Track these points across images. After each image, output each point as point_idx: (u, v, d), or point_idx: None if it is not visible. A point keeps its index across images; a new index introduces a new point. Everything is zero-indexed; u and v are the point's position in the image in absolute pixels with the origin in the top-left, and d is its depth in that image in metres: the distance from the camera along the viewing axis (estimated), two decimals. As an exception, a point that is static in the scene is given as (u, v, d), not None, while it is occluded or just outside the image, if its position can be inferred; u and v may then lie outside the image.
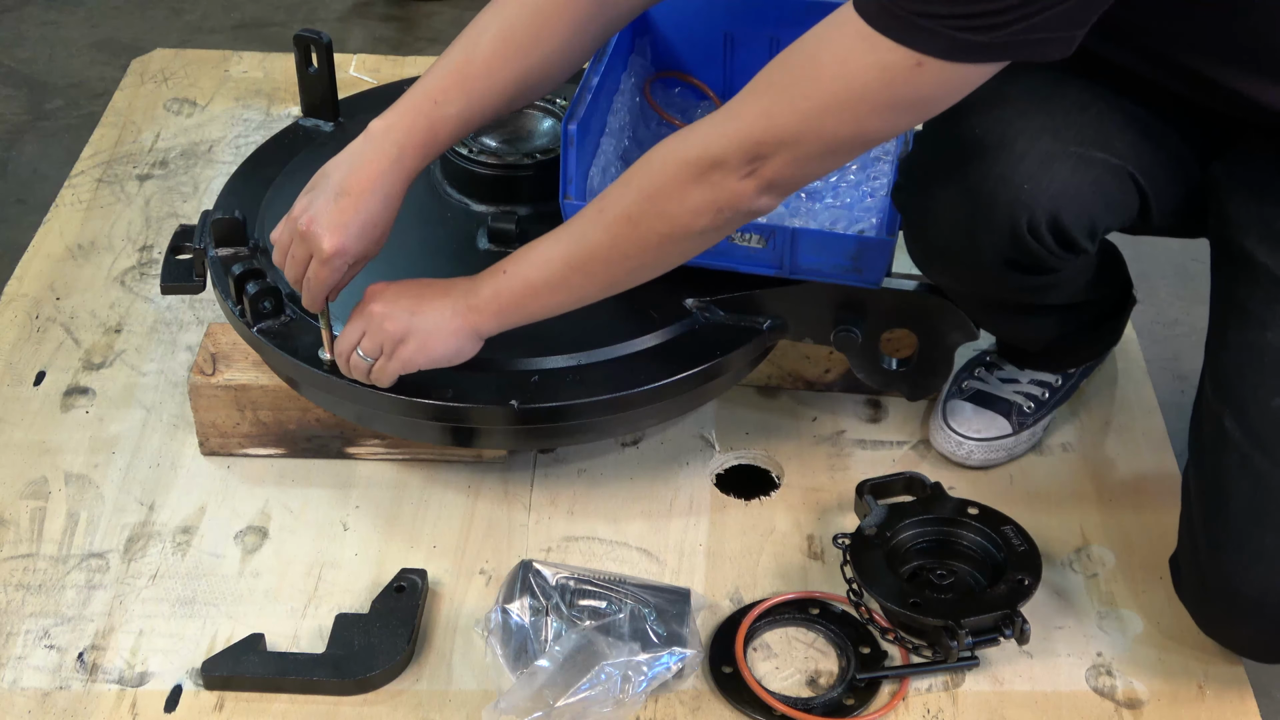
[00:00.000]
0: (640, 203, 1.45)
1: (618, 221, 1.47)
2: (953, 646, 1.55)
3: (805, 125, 1.36)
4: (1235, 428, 1.50)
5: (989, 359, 1.89)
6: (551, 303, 1.54)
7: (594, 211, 1.49)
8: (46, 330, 2.01)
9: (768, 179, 1.40)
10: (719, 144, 1.40)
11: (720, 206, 1.42)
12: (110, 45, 2.92)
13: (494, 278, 1.55)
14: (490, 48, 1.57)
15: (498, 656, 1.53)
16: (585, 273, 1.51)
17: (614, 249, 1.49)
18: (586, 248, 1.49)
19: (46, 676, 1.57)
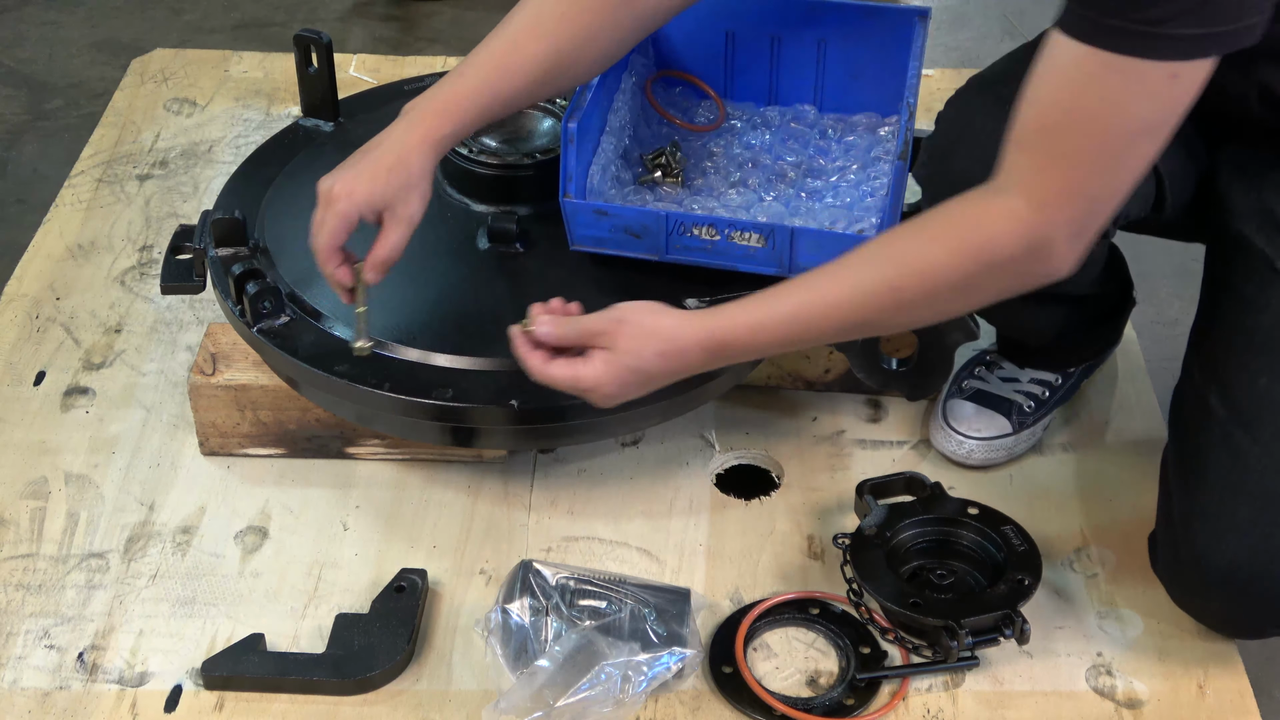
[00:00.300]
0: (912, 281, 1.40)
1: (895, 292, 1.41)
2: (953, 646, 1.55)
3: (1106, 178, 1.33)
4: (1220, 405, 1.52)
5: (989, 358, 1.89)
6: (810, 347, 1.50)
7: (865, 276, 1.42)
8: (46, 330, 2.01)
9: (1084, 243, 1.37)
10: (1009, 242, 1.35)
11: (1006, 290, 1.40)
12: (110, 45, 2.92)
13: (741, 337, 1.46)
14: (518, 25, 1.60)
15: (498, 656, 1.53)
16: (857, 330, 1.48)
17: (893, 315, 1.44)
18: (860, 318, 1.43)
19: (46, 676, 1.57)
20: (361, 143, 1.97)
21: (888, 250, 1.43)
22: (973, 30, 2.94)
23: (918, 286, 1.40)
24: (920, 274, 1.39)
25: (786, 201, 1.83)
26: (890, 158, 1.86)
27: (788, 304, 1.44)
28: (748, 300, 1.46)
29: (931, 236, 1.40)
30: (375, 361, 1.65)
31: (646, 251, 1.72)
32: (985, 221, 1.37)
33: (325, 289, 1.73)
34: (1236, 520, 1.49)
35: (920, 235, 1.41)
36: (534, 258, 1.77)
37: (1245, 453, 1.50)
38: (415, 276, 1.77)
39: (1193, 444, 1.55)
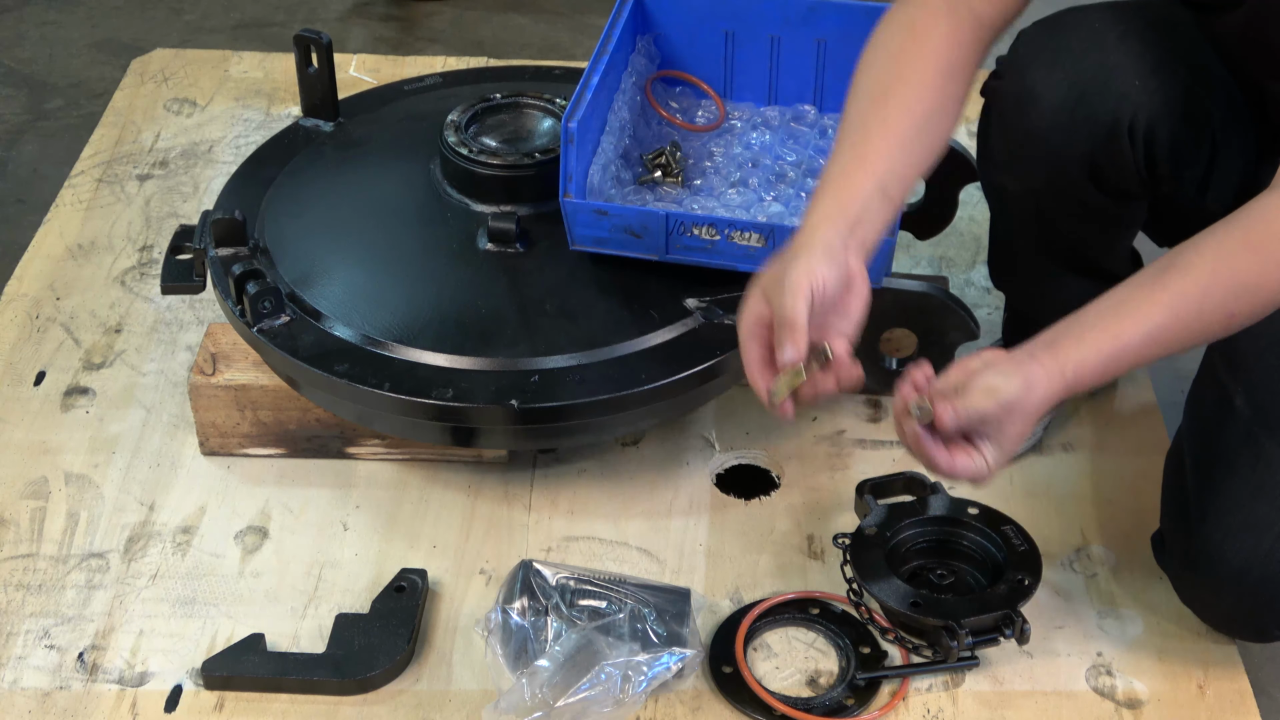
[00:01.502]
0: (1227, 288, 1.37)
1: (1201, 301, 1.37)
2: (953, 646, 1.55)
3: None
4: (1245, 405, 1.52)
5: (989, 357, 1.89)
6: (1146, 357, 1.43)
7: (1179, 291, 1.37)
8: (46, 330, 2.01)
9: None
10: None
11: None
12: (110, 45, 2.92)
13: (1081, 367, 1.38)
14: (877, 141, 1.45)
15: (498, 656, 1.53)
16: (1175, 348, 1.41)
17: (1197, 330, 1.39)
18: (1172, 335, 1.38)
19: (46, 676, 1.57)
20: (361, 143, 1.99)
21: (1195, 267, 1.37)
22: (973, 30, 2.93)
23: (1249, 304, 1.37)
24: (1229, 282, 1.35)
25: (786, 201, 1.83)
26: (890, 158, 1.86)
27: (1133, 330, 1.36)
28: (1089, 329, 1.38)
29: (1238, 245, 1.36)
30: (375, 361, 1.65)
31: (646, 251, 1.72)
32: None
33: (325, 289, 1.73)
34: (1254, 519, 1.48)
35: (1224, 245, 1.37)
36: (534, 258, 1.77)
37: (1268, 454, 1.49)
38: (415, 276, 1.77)
39: (1213, 442, 1.54)
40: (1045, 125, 1.59)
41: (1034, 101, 1.59)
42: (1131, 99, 1.56)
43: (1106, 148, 1.58)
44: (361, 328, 1.69)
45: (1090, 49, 1.56)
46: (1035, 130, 1.60)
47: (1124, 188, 1.62)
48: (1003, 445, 1.39)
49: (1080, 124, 1.57)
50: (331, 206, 1.87)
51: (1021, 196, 1.69)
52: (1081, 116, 1.57)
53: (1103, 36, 1.58)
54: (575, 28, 3.02)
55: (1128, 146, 1.57)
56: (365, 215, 1.86)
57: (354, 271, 1.78)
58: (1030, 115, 1.60)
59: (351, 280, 1.77)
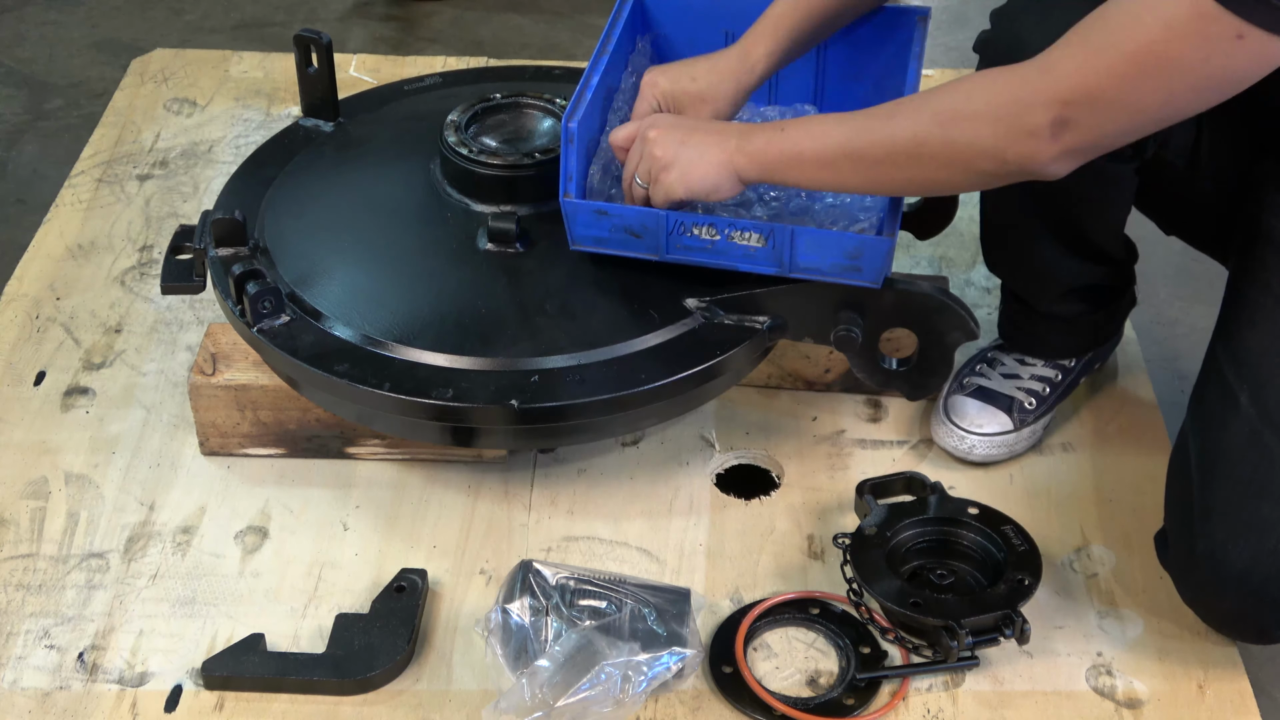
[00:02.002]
0: (930, 125, 1.47)
1: (902, 132, 1.49)
2: (953, 646, 1.55)
3: (1118, 88, 1.35)
4: (1250, 404, 1.52)
5: (990, 355, 1.89)
6: (814, 178, 1.57)
7: (884, 113, 1.52)
8: (46, 330, 2.01)
9: (1068, 145, 1.39)
10: (1028, 95, 1.39)
11: (1009, 158, 1.43)
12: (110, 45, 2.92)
13: (769, 131, 1.58)
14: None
15: (498, 656, 1.53)
16: (855, 164, 1.53)
17: (890, 155, 1.51)
18: (865, 142, 1.52)
19: (46, 676, 1.57)
20: (361, 143, 1.99)
21: (924, 100, 1.50)
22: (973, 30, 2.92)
23: (937, 142, 1.46)
24: (948, 119, 1.45)
25: (786, 201, 1.83)
26: (890, 158, 1.86)
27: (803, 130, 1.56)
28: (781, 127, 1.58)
29: (966, 94, 1.45)
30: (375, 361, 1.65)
31: (646, 251, 1.72)
32: (1010, 84, 1.41)
33: (325, 289, 1.73)
34: (1258, 519, 1.48)
35: (954, 91, 1.47)
36: (534, 258, 1.77)
37: (1273, 453, 1.49)
38: (415, 276, 1.77)
39: (1217, 441, 1.54)
40: None
41: (1021, 50, 1.58)
42: None
43: None
44: (361, 328, 1.69)
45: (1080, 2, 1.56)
46: None
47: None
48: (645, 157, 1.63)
49: None
50: (331, 206, 1.87)
51: None
52: None
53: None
54: (575, 28, 3.02)
55: None
56: (365, 215, 1.86)
57: (354, 271, 1.78)
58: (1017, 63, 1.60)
59: (351, 280, 1.77)
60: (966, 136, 1.44)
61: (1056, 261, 1.79)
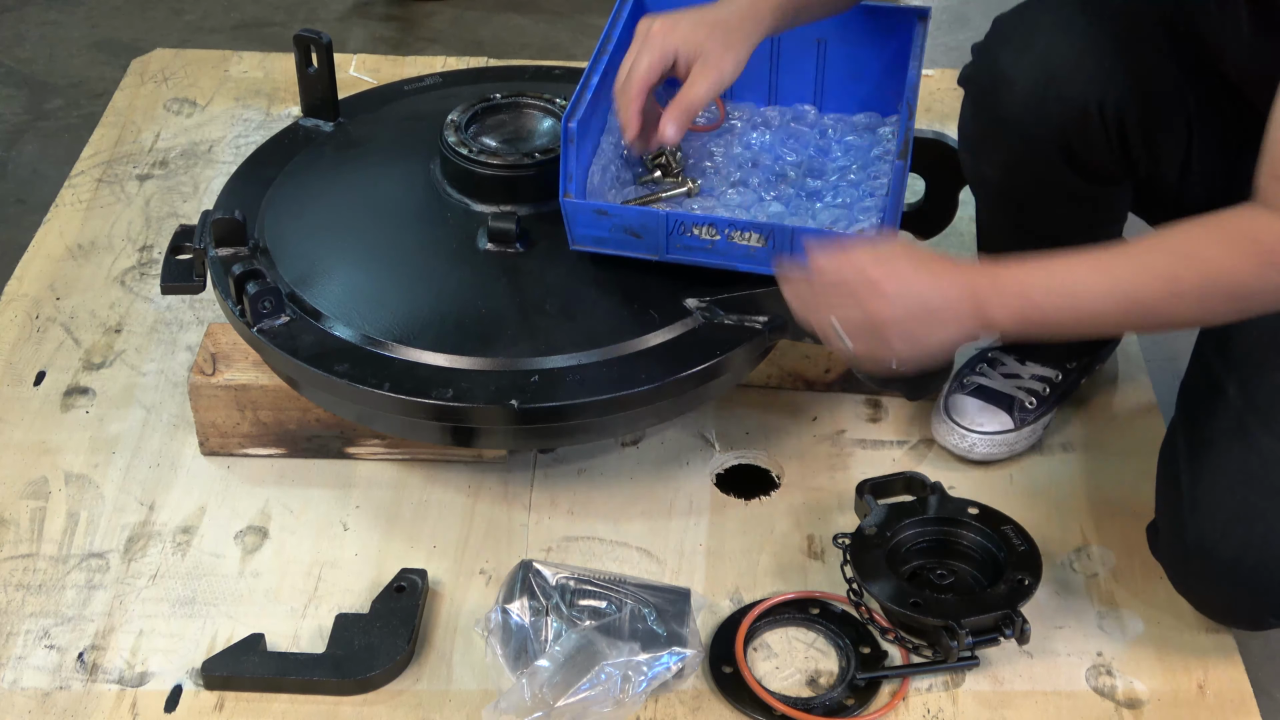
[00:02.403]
0: (1191, 274, 1.38)
1: (1172, 281, 1.38)
2: (953, 646, 1.55)
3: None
4: (1237, 395, 1.53)
5: (991, 355, 1.89)
6: (1077, 332, 1.48)
7: (1147, 259, 1.40)
8: (46, 330, 2.01)
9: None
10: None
11: (1268, 304, 1.39)
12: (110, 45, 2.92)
13: (1021, 301, 1.42)
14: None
15: (498, 656, 1.53)
16: (1127, 315, 1.44)
17: (1165, 306, 1.40)
18: (1134, 294, 1.40)
19: (46, 676, 1.57)
20: (361, 142, 1.99)
21: (1166, 243, 1.40)
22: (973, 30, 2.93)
23: (1196, 281, 1.37)
24: (1201, 270, 1.37)
25: (786, 201, 1.83)
26: (890, 158, 1.86)
27: (1062, 278, 1.40)
28: (1023, 261, 1.41)
29: (1213, 238, 1.38)
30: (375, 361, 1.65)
31: (646, 251, 1.72)
32: (1265, 234, 1.35)
33: (325, 289, 1.73)
34: (1246, 508, 1.49)
35: (1200, 235, 1.38)
36: (534, 258, 1.77)
37: (1260, 444, 1.50)
38: (415, 276, 1.77)
39: (1205, 431, 1.55)
40: (1018, 109, 1.61)
41: (1005, 85, 1.60)
42: (1101, 81, 1.58)
43: (1079, 129, 1.60)
44: (361, 328, 1.69)
45: (1060, 34, 1.59)
46: (1008, 114, 1.62)
47: (1099, 169, 1.63)
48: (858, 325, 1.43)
49: (1051, 105, 1.60)
50: (331, 206, 1.87)
51: (1002, 185, 1.71)
52: (1052, 98, 1.59)
53: (1072, 21, 1.60)
54: (575, 28, 3.02)
55: (1100, 127, 1.59)
56: (365, 215, 1.86)
57: (354, 271, 1.78)
58: (1002, 99, 1.62)
59: (351, 280, 1.77)
60: (1257, 302, 1.40)
61: None
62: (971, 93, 1.68)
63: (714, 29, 1.60)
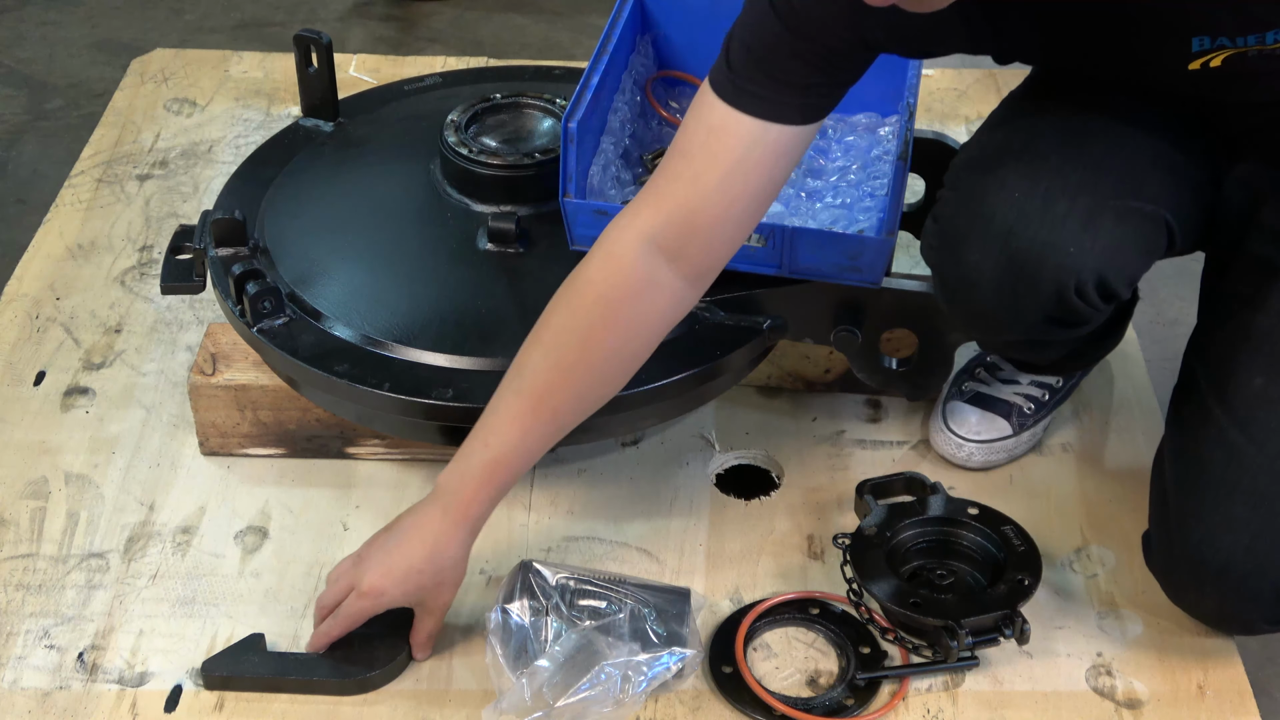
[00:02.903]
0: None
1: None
2: (953, 646, 1.55)
3: None
4: (1217, 405, 1.53)
5: (989, 360, 1.89)
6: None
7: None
8: (46, 330, 2.01)
9: None
10: None
11: None
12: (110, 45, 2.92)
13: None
14: (533, 378, 1.50)
15: (498, 656, 1.53)
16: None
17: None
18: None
19: (46, 676, 1.57)
20: (361, 142, 1.99)
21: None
22: (973, 30, 2.94)
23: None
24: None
25: (786, 201, 1.83)
26: (890, 158, 1.86)
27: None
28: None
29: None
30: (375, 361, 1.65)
31: (646, 251, 1.71)
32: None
33: (325, 289, 1.73)
34: (1232, 518, 1.50)
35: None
36: (534, 258, 1.77)
37: (1241, 452, 1.50)
38: (415, 276, 1.77)
39: (1190, 443, 1.55)
40: (991, 305, 1.56)
41: (974, 286, 1.55)
42: (1069, 266, 1.50)
43: (1060, 308, 1.54)
44: (361, 328, 1.69)
45: (1016, 222, 1.51)
46: (983, 311, 1.57)
47: (1089, 320, 1.58)
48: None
49: (1025, 297, 1.53)
50: (331, 206, 1.87)
51: (986, 342, 1.76)
52: (1024, 290, 1.53)
53: (1025, 206, 1.51)
54: (575, 28, 3.02)
55: (1080, 304, 1.53)
56: (365, 215, 1.86)
57: (354, 271, 1.78)
58: (975, 298, 1.56)
59: (351, 280, 1.77)
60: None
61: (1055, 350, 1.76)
62: (938, 280, 1.62)
63: (423, 573, 1.51)
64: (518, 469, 1.51)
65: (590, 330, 1.48)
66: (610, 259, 1.48)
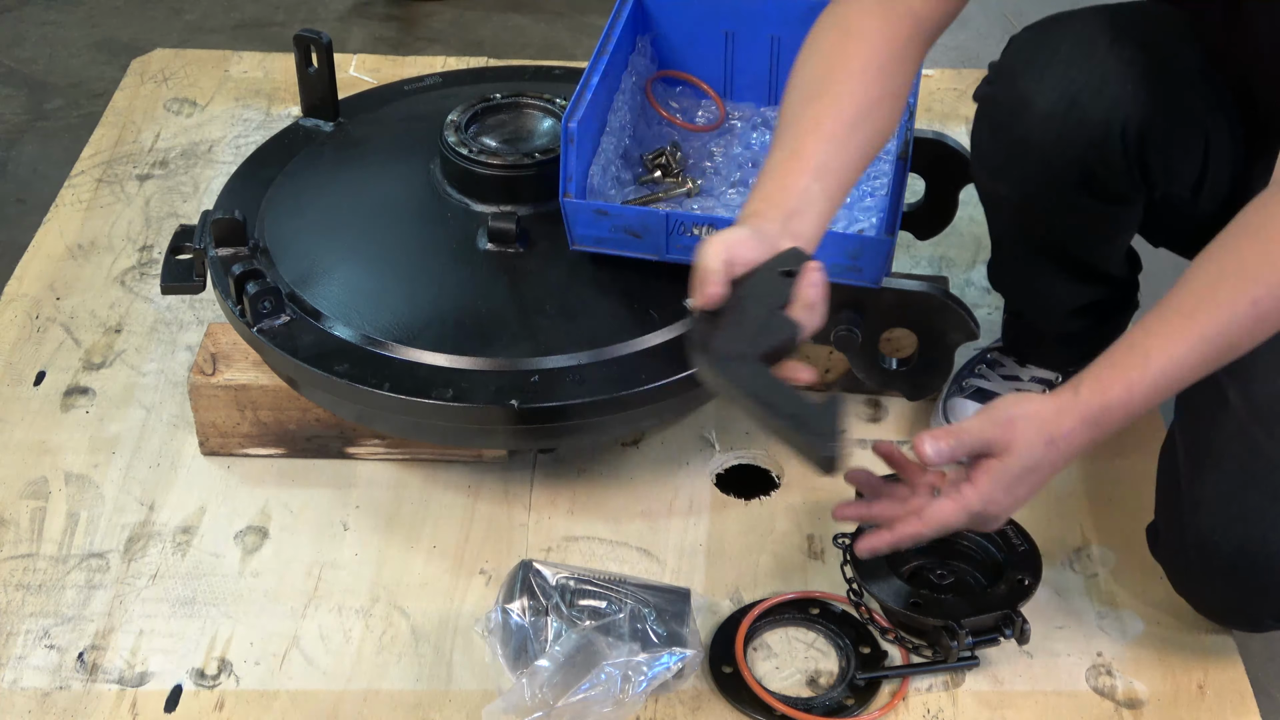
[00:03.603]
0: (1273, 287, 1.33)
1: (1253, 305, 1.34)
2: (953, 646, 1.55)
3: None
4: (1239, 399, 1.52)
5: (990, 357, 1.89)
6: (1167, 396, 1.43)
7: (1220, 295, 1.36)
8: (46, 330, 2.01)
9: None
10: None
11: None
12: (110, 45, 2.92)
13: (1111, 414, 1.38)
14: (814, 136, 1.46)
15: (498, 656, 1.53)
16: (1211, 366, 1.38)
17: (1252, 332, 1.36)
18: (1218, 346, 1.36)
19: (46, 676, 1.57)
20: (361, 142, 1.99)
21: (1224, 272, 1.36)
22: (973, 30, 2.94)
23: (1273, 293, 1.34)
24: (1273, 280, 1.33)
25: (786, 201, 1.83)
26: (890, 158, 1.86)
27: (1156, 356, 1.36)
28: (1108, 359, 1.38)
29: (1262, 245, 1.34)
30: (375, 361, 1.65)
31: (646, 251, 1.72)
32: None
33: (325, 289, 1.73)
34: (1247, 509, 1.49)
35: (1247, 248, 1.35)
36: (534, 258, 1.77)
37: (1261, 447, 1.50)
38: (415, 276, 1.77)
39: (1206, 434, 1.54)
40: (1038, 132, 1.59)
41: (1027, 108, 1.59)
42: (1123, 103, 1.57)
43: (1099, 152, 1.59)
44: (361, 328, 1.69)
45: (1081, 54, 1.58)
46: (1028, 137, 1.61)
47: (1117, 192, 1.62)
48: (1002, 473, 1.38)
49: (1073, 129, 1.58)
50: (331, 206, 1.87)
51: (1015, 202, 1.70)
52: (1074, 121, 1.58)
53: (1094, 41, 1.59)
54: (575, 28, 3.02)
55: (1120, 151, 1.58)
56: (365, 215, 1.86)
57: (354, 271, 1.78)
58: (1023, 122, 1.61)
59: (351, 280, 1.77)
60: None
61: (1061, 287, 1.79)
62: (989, 112, 1.66)
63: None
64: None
65: None
66: None
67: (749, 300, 1.36)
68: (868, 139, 1.49)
